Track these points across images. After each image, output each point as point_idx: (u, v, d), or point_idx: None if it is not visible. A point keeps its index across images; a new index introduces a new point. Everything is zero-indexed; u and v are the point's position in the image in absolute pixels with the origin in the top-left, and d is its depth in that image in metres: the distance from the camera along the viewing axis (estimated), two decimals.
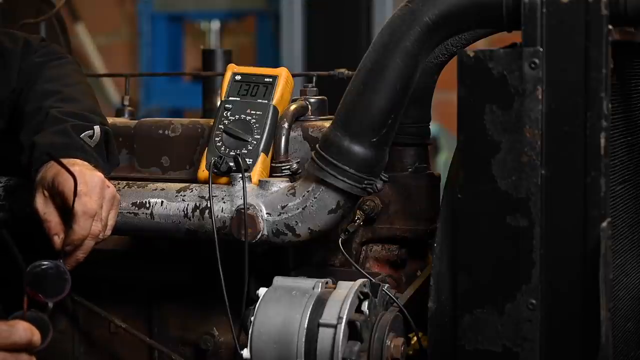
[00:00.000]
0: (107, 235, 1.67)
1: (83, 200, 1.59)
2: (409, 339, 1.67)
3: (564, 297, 1.48)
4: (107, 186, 1.65)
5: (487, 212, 1.50)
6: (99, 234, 1.63)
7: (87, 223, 1.61)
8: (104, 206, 1.64)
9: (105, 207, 1.64)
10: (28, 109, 1.79)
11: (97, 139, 1.73)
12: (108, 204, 1.65)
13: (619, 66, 1.55)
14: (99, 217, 1.62)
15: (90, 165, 1.67)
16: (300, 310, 1.58)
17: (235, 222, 1.68)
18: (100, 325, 2.00)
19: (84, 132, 1.71)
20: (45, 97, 1.79)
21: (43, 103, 1.77)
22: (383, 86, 1.60)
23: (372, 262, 1.91)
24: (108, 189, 1.65)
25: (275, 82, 1.81)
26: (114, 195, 1.67)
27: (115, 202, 1.67)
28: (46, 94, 1.80)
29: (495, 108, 1.48)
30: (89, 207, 1.60)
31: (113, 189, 1.67)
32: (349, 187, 1.64)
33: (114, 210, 1.67)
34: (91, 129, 1.72)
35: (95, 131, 1.73)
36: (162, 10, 5.36)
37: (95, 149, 1.72)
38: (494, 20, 1.56)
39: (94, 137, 1.72)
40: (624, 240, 1.69)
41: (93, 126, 1.73)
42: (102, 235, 1.64)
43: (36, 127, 1.73)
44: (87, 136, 1.71)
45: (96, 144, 1.72)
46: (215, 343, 1.90)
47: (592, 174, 1.45)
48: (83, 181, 1.60)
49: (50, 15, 2.51)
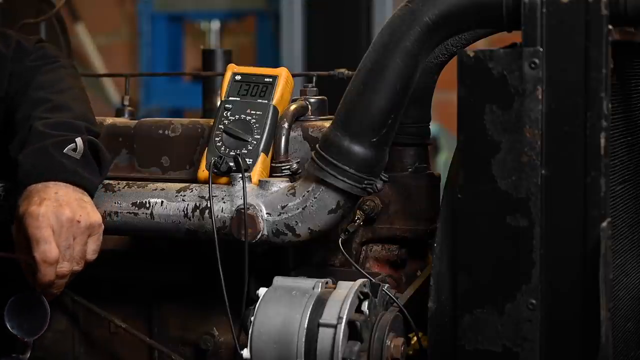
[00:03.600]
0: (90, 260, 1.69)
1: (42, 249, 1.62)
2: (409, 339, 1.67)
3: (564, 297, 1.48)
4: (78, 221, 1.64)
5: (487, 212, 1.50)
6: (67, 274, 1.66)
7: (49, 270, 1.63)
8: (76, 242, 1.65)
9: (79, 241, 1.65)
10: (18, 118, 1.79)
11: (82, 150, 1.71)
12: (82, 237, 1.66)
13: (619, 66, 1.55)
14: (66, 258, 1.64)
15: (69, 188, 1.67)
16: (300, 310, 1.58)
17: (235, 222, 1.68)
18: (100, 325, 2.00)
19: (67, 147, 1.70)
20: (35, 105, 1.78)
21: (32, 112, 1.76)
22: (383, 86, 1.60)
23: (372, 262, 1.91)
24: (79, 223, 1.64)
25: (275, 82, 1.81)
26: (90, 225, 1.67)
27: (93, 230, 1.67)
28: (36, 102, 1.79)
29: (495, 108, 1.48)
30: (49, 256, 1.62)
31: (88, 217, 1.66)
32: (349, 187, 1.64)
33: (93, 238, 1.68)
34: (73, 142, 1.70)
35: (78, 144, 1.71)
36: (162, 10, 5.35)
37: (81, 160, 1.70)
38: (494, 20, 1.56)
39: (77, 149, 1.70)
40: (624, 240, 1.69)
41: (75, 138, 1.71)
42: (79, 267, 1.67)
43: (22, 141, 1.73)
44: (71, 149, 1.70)
45: (82, 154, 1.71)
46: (215, 343, 1.90)
47: (592, 174, 1.45)
48: (46, 225, 1.61)
49: (50, 15, 2.51)
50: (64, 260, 1.64)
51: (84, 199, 1.69)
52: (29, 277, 1.67)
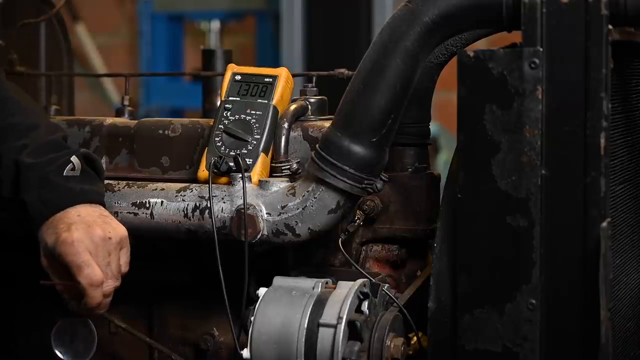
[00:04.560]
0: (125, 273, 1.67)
1: (86, 273, 1.60)
2: (409, 339, 1.67)
3: (564, 297, 1.48)
4: (109, 237, 1.63)
5: (487, 212, 1.50)
6: (112, 292, 1.65)
7: (97, 292, 1.62)
8: (112, 258, 1.64)
9: (114, 257, 1.64)
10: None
11: (80, 166, 1.67)
12: (116, 253, 1.65)
13: (619, 66, 1.55)
14: (108, 277, 1.63)
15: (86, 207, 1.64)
16: (300, 310, 1.58)
17: (235, 222, 1.68)
18: (100, 326, 2.00)
19: (65, 168, 1.65)
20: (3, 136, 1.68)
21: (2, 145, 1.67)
22: (383, 86, 1.60)
23: (372, 262, 1.90)
24: (110, 240, 1.63)
25: (275, 82, 1.81)
26: (120, 239, 1.65)
27: (123, 243, 1.66)
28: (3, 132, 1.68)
29: (495, 108, 1.48)
30: (94, 279, 1.60)
31: (116, 232, 1.65)
32: (349, 187, 1.64)
33: (124, 250, 1.67)
34: (69, 162, 1.66)
35: (75, 162, 1.66)
36: (162, 10, 5.35)
37: (82, 177, 1.67)
38: (494, 21, 1.56)
39: (75, 167, 1.66)
40: (624, 240, 1.69)
41: (70, 157, 1.66)
42: (118, 282, 1.66)
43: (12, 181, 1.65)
44: (70, 170, 1.66)
45: (81, 170, 1.67)
46: (215, 343, 1.90)
47: (592, 174, 1.45)
48: (83, 249, 1.60)
49: (50, 15, 2.50)
50: (106, 279, 1.63)
51: (104, 213, 1.67)
52: (71, 303, 1.66)
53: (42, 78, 2.46)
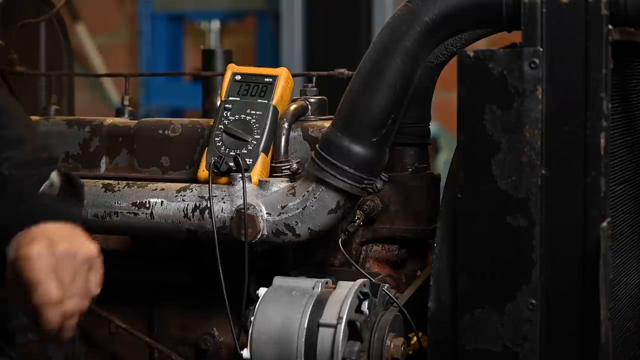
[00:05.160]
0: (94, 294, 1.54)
1: (40, 292, 1.45)
2: (409, 339, 1.67)
3: (564, 297, 1.48)
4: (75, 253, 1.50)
5: (487, 212, 1.50)
6: (75, 312, 1.50)
7: (54, 312, 1.47)
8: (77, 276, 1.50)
9: (80, 277, 1.50)
10: None
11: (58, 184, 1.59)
12: (83, 271, 1.51)
13: (619, 66, 1.55)
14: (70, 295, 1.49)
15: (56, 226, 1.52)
16: (300, 310, 1.58)
17: (235, 222, 1.68)
18: (100, 326, 2.00)
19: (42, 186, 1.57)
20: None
21: None
22: (383, 86, 1.60)
23: (372, 262, 1.91)
24: (77, 255, 1.50)
25: (275, 82, 1.81)
26: (88, 256, 1.51)
27: (92, 260, 1.53)
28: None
29: (495, 108, 1.48)
30: (49, 296, 1.45)
31: (84, 249, 1.52)
32: (349, 187, 1.64)
33: (94, 270, 1.53)
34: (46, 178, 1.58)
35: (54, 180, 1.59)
36: (162, 10, 5.35)
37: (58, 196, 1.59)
38: (494, 21, 1.56)
39: (54, 185, 1.59)
40: (624, 240, 1.69)
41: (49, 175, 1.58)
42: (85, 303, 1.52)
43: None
44: (47, 186, 1.57)
45: (59, 189, 1.59)
46: (215, 343, 1.90)
47: (592, 174, 1.45)
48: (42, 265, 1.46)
49: (50, 15, 2.50)
50: (69, 297, 1.48)
51: (75, 231, 1.54)
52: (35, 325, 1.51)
53: (42, 78, 2.46)
